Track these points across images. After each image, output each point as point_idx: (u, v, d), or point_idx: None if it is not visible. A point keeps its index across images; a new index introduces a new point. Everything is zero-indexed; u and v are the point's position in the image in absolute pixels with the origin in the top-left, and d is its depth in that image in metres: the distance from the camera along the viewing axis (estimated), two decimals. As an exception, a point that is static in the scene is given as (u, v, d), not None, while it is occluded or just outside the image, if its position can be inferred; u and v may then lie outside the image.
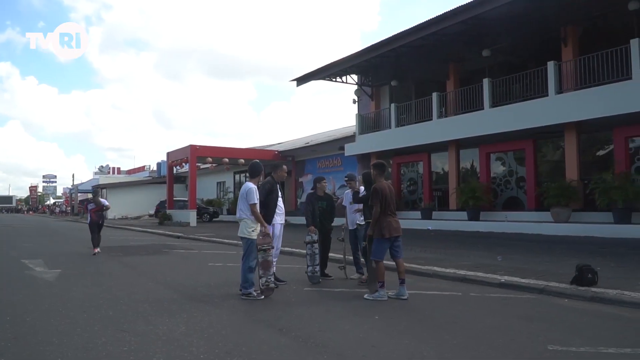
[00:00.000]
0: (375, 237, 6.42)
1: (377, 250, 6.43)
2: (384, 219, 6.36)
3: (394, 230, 6.38)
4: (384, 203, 6.38)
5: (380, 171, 6.70)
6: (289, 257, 10.82)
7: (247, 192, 6.74)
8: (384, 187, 6.49)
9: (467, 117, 18.99)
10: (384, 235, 6.33)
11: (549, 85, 16.28)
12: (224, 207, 36.73)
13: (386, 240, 6.37)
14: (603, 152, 16.53)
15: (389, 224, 6.35)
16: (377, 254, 6.43)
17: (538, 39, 17.46)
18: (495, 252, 11.22)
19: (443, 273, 8.20)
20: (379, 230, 6.34)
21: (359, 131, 24.27)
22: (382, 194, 6.39)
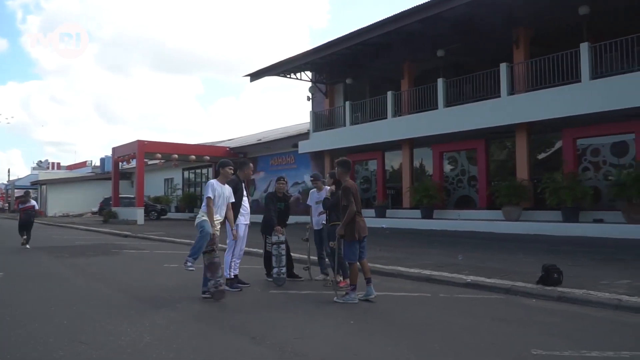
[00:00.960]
0: (347, 240, 6.23)
1: (349, 252, 6.25)
2: (354, 220, 6.19)
3: (363, 231, 6.24)
4: (356, 203, 6.21)
5: (346, 169, 6.53)
6: (245, 257, 10.47)
7: (206, 186, 6.76)
8: (353, 185, 6.32)
9: (421, 117, 19.19)
10: (354, 237, 6.16)
11: (502, 87, 16.68)
12: (172, 204, 35.68)
13: (356, 241, 6.21)
14: (552, 153, 17.12)
15: (358, 225, 6.19)
16: (350, 256, 6.24)
17: (491, 40, 17.82)
18: (452, 250, 11.35)
19: (408, 273, 8.14)
20: (351, 232, 6.16)
21: (313, 129, 24.11)
22: (353, 193, 6.22)
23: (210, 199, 6.52)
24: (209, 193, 6.56)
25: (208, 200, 6.53)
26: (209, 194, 6.55)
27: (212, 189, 6.58)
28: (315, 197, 8.09)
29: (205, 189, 6.65)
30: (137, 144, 26.77)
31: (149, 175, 33.93)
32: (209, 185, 6.63)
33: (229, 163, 6.89)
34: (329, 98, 24.69)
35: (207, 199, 6.55)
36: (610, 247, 11.13)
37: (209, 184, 6.64)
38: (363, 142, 21.42)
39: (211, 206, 6.50)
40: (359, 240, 6.23)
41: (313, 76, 24.50)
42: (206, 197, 6.57)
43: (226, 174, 6.80)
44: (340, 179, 6.50)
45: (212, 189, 6.58)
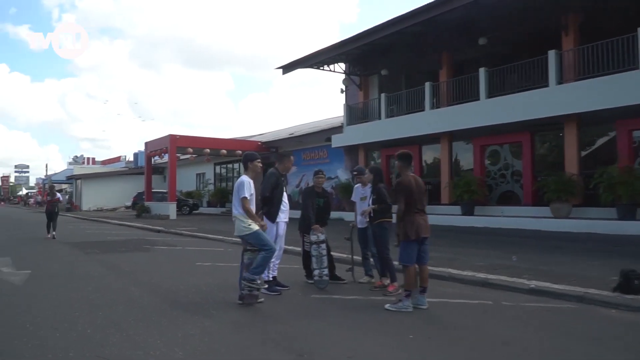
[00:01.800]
0: (401, 240, 5.58)
1: (404, 253, 5.59)
2: (410, 218, 5.53)
3: (422, 231, 5.55)
4: (411, 200, 5.55)
5: (406, 163, 5.84)
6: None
7: (237, 186, 5.96)
8: (409, 181, 5.65)
9: (461, 108, 18.28)
10: (409, 237, 5.50)
11: (550, 75, 15.65)
12: (204, 199, 35.57)
13: (413, 242, 5.54)
14: (602, 146, 16.01)
15: (416, 224, 5.52)
16: (405, 258, 5.57)
17: (537, 27, 16.78)
18: (502, 250, 10.57)
19: (460, 276, 7.42)
20: (406, 231, 5.51)
21: (347, 122, 23.42)
22: (409, 189, 5.56)
23: (247, 199, 5.86)
24: (244, 193, 5.85)
25: (244, 201, 5.85)
26: (245, 194, 5.87)
27: (248, 187, 5.92)
28: (359, 193, 7.45)
29: (239, 188, 5.88)
30: (169, 138, 26.60)
31: (181, 170, 33.90)
32: (244, 183, 5.88)
33: (257, 156, 6.25)
34: (363, 90, 23.94)
35: (242, 200, 5.84)
36: None
37: (244, 182, 5.89)
38: (399, 136, 20.62)
39: (249, 208, 5.85)
40: (418, 241, 5.56)
41: (346, 68, 23.78)
42: (242, 197, 5.85)
43: (255, 168, 6.15)
44: (401, 173, 5.83)
45: (248, 187, 5.92)
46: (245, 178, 5.97)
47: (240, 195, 5.84)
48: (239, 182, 5.92)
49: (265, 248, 5.76)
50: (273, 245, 5.87)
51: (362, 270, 7.45)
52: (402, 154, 5.85)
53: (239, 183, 5.92)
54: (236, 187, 5.95)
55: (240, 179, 5.96)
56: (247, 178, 5.98)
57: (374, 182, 6.80)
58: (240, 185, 5.90)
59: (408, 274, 5.54)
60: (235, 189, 5.95)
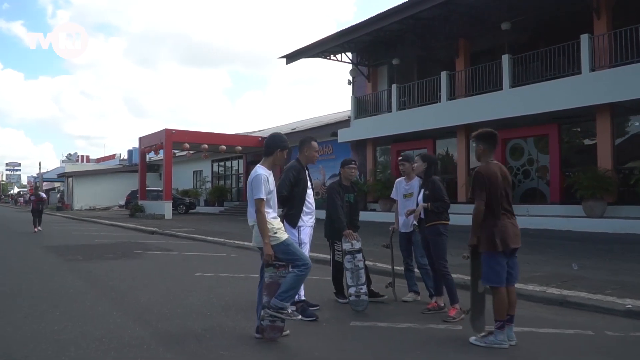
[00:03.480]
0: (484, 250, 4.13)
1: (491, 270, 4.12)
2: (495, 222, 4.10)
3: (512, 240, 4.11)
4: (494, 197, 4.12)
5: (490, 145, 4.34)
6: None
7: (252, 181, 4.34)
8: (494, 171, 4.20)
9: (481, 99, 16.88)
10: (496, 247, 4.06)
11: (582, 62, 14.24)
12: (201, 197, 34.07)
13: (501, 254, 4.10)
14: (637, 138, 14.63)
15: (504, 230, 4.09)
16: (492, 277, 4.12)
17: (565, 10, 15.37)
18: (547, 254, 9.22)
19: (528, 292, 5.97)
20: (489, 239, 4.07)
21: (354, 115, 21.96)
22: (493, 182, 4.13)
23: (262, 202, 4.25)
24: (261, 193, 4.24)
25: (260, 203, 4.24)
26: (262, 194, 4.25)
27: (266, 185, 4.31)
28: (402, 189, 6.00)
29: (255, 184, 4.27)
30: (165, 133, 25.09)
31: (177, 167, 32.36)
32: (260, 179, 4.27)
33: (285, 142, 4.68)
34: (371, 82, 22.49)
35: (257, 201, 4.24)
36: None
37: (261, 177, 4.28)
38: (411, 129, 19.21)
39: (263, 212, 4.26)
40: (506, 253, 4.13)
41: (354, 58, 22.31)
42: (257, 198, 4.25)
43: (279, 159, 4.60)
44: (481, 159, 4.37)
45: (266, 185, 4.31)
46: (262, 170, 4.40)
47: (257, 194, 4.25)
48: (254, 177, 4.33)
49: (298, 263, 4.27)
50: (308, 260, 4.40)
51: (401, 283, 6.00)
52: (484, 133, 4.37)
53: (253, 179, 4.33)
54: (250, 183, 4.36)
55: (256, 173, 4.34)
56: (263, 170, 4.41)
57: (427, 174, 5.35)
58: (256, 181, 4.30)
59: (498, 298, 4.08)
60: (249, 186, 4.38)
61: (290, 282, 4.21)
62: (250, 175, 4.42)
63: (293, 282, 4.22)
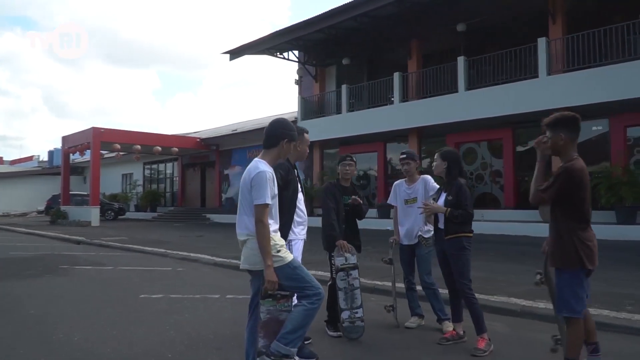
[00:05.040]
0: (567, 269, 3.22)
1: (570, 293, 3.19)
2: (584, 235, 3.21)
3: (596, 257, 3.25)
4: (587, 202, 3.24)
5: (575, 135, 3.32)
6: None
7: (252, 180, 3.19)
8: (584, 170, 3.30)
9: (435, 102, 16.48)
10: (583, 265, 3.17)
11: (540, 66, 14.11)
12: (131, 202, 31.75)
13: (583, 273, 3.21)
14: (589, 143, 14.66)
15: (591, 245, 3.21)
16: (573, 302, 3.18)
17: (522, 12, 15.23)
18: (518, 261, 8.80)
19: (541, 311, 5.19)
20: (576, 255, 3.17)
21: (301, 116, 21.00)
22: (585, 184, 3.23)
23: (267, 208, 3.16)
24: (266, 196, 3.15)
25: (263, 211, 3.13)
26: (267, 198, 3.15)
27: (271, 186, 3.21)
28: (403, 193, 5.05)
29: (258, 184, 3.15)
30: (92, 132, 22.90)
31: (105, 170, 29.89)
32: (265, 177, 3.16)
33: (294, 131, 3.54)
34: (319, 82, 21.62)
35: (260, 208, 3.13)
36: None
37: (265, 175, 3.17)
38: (362, 132, 18.58)
39: (267, 223, 3.14)
40: (586, 274, 3.25)
41: (301, 56, 21.35)
42: (260, 203, 3.13)
43: (285, 153, 3.46)
44: (561, 154, 3.37)
45: (271, 186, 3.21)
46: (265, 165, 3.27)
47: (257, 199, 3.14)
48: (256, 174, 3.19)
49: (308, 292, 3.15)
50: (321, 288, 3.29)
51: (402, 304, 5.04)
52: (565, 117, 3.31)
53: (256, 176, 3.18)
54: (248, 183, 3.22)
55: (257, 168, 3.22)
56: (266, 165, 3.27)
57: (451, 175, 4.41)
58: (259, 179, 3.16)
59: (575, 330, 3.19)
60: (246, 187, 3.23)
61: (299, 319, 3.09)
62: (247, 171, 3.28)
63: (302, 318, 3.10)
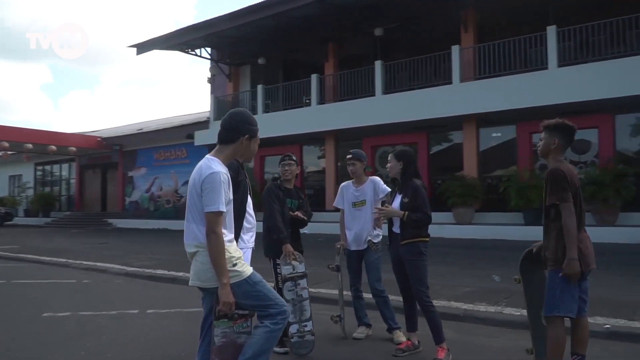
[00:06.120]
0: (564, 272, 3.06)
1: (563, 295, 3.07)
2: (579, 235, 3.11)
3: (592, 259, 3.15)
4: (578, 203, 3.12)
5: (567, 142, 3.24)
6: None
7: (203, 182, 2.67)
8: (574, 172, 3.20)
9: (352, 105, 16.51)
10: (581, 267, 3.08)
11: (453, 73, 14.61)
12: (21, 207, 28.87)
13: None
14: (497, 148, 15.47)
15: (583, 246, 3.11)
16: (567, 304, 3.07)
17: (436, 21, 15.72)
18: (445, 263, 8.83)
19: (484, 314, 5.16)
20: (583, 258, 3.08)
21: (215, 116, 20.19)
22: (573, 184, 3.13)
23: (221, 216, 2.66)
24: (220, 202, 2.64)
25: (217, 219, 2.63)
26: (221, 205, 2.65)
27: (226, 190, 2.71)
28: (351, 195, 4.77)
29: (211, 187, 2.64)
30: (-25, 129, 20.46)
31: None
32: (219, 179, 2.65)
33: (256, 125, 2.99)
34: (233, 82, 20.95)
35: (213, 216, 2.63)
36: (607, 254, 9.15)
37: (219, 177, 2.66)
38: (277, 134, 18.10)
39: (221, 233, 2.63)
40: (583, 275, 3.12)
41: (214, 54, 20.56)
42: (212, 210, 2.63)
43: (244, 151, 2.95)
44: (550, 157, 3.24)
45: (226, 190, 2.71)
46: (219, 165, 2.74)
47: (212, 205, 2.63)
48: (208, 174, 2.68)
49: (271, 311, 2.70)
50: (286, 305, 2.87)
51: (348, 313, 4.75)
52: (563, 124, 3.18)
53: (207, 177, 2.67)
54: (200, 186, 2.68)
55: (211, 168, 2.70)
56: (221, 165, 2.75)
57: (406, 176, 4.18)
58: (211, 182, 2.65)
59: (556, 336, 3.06)
60: (196, 190, 2.71)
61: (261, 343, 2.64)
62: (197, 171, 2.74)
63: (264, 341, 2.66)
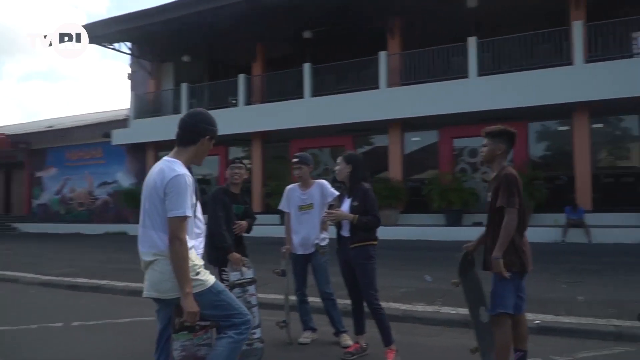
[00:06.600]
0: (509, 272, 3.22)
1: (504, 293, 3.25)
2: (522, 238, 3.29)
3: (530, 261, 3.34)
4: (523, 207, 3.26)
5: (510, 147, 3.39)
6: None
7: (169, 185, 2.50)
8: (520, 178, 3.34)
9: (280, 106, 16.47)
10: (524, 269, 3.29)
11: (380, 78, 15.04)
12: None
13: (518, 277, 3.29)
14: (418, 152, 16.06)
15: (525, 247, 3.30)
16: (505, 302, 3.24)
17: (364, 27, 16.04)
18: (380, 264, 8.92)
19: (422, 314, 5.32)
20: (517, 260, 3.23)
21: (134, 115, 19.35)
22: (520, 189, 3.25)
23: (186, 221, 2.52)
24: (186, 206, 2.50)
25: (181, 225, 2.48)
26: (187, 209, 2.51)
27: (191, 194, 2.59)
28: (297, 199, 4.71)
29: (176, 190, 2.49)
30: None
31: None
32: (184, 182, 2.52)
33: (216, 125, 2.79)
34: (154, 79, 20.16)
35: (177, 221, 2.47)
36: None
37: (184, 180, 2.52)
38: (202, 134, 17.70)
39: (185, 240, 2.49)
40: (521, 276, 3.30)
41: (136, 50, 19.68)
42: (177, 215, 2.47)
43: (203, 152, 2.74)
44: (494, 163, 3.38)
45: (191, 194, 2.59)
46: (182, 167, 2.57)
47: (178, 209, 2.48)
48: (172, 177, 2.51)
49: (235, 321, 2.58)
50: (249, 314, 2.74)
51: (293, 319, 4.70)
52: (506, 130, 3.31)
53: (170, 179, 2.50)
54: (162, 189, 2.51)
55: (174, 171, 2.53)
56: (184, 169, 2.57)
57: (355, 180, 4.18)
58: (175, 185, 2.49)
59: (504, 331, 3.24)
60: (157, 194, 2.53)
61: (225, 354, 2.51)
62: (158, 174, 2.55)
63: (228, 353, 2.53)
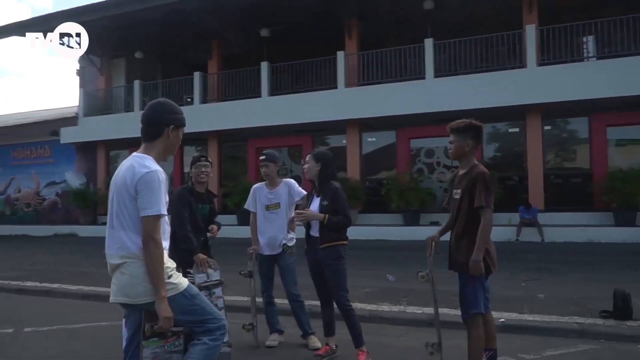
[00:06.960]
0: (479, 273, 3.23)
1: (475, 294, 3.29)
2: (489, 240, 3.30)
3: (495, 261, 3.38)
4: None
5: (478, 142, 3.38)
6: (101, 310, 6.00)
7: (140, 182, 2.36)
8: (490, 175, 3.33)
9: (237, 105, 16.24)
10: (490, 270, 3.33)
11: (339, 78, 15.04)
12: None
13: (484, 277, 3.33)
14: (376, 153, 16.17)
15: (494, 250, 3.38)
16: (477, 302, 3.29)
17: (322, 26, 16.00)
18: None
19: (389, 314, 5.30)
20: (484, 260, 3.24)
21: (84, 112, 18.61)
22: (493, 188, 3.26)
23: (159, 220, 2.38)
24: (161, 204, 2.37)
25: (156, 224, 2.35)
26: (162, 207, 2.37)
27: (165, 191, 2.43)
28: (264, 198, 4.60)
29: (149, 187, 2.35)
30: None
31: None
32: (158, 179, 2.38)
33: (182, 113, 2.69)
34: (105, 75, 19.43)
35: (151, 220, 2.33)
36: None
37: (157, 176, 2.39)
38: (156, 133, 17.20)
39: (160, 241, 2.36)
40: (487, 276, 3.36)
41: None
42: (151, 213, 2.33)
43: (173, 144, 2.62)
44: (463, 160, 3.39)
45: (165, 191, 2.43)
46: (154, 164, 2.43)
47: (152, 207, 2.34)
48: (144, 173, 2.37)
49: (210, 326, 2.44)
50: (224, 318, 2.59)
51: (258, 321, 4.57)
52: (473, 125, 3.30)
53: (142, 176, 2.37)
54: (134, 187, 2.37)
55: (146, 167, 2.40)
56: (156, 165, 2.43)
57: (324, 178, 4.09)
58: (147, 181, 2.35)
59: (477, 332, 3.29)
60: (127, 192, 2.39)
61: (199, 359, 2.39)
62: (128, 171, 2.40)
63: (203, 359, 2.40)
